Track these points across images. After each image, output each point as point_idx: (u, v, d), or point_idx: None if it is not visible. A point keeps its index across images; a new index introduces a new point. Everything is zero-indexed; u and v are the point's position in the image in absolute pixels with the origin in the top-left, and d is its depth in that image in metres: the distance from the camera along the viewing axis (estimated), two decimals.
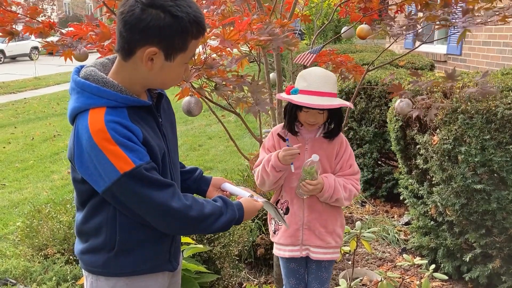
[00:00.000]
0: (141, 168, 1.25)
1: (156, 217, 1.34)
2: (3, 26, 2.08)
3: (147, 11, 1.22)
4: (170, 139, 1.48)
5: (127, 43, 1.27)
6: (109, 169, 1.24)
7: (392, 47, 7.12)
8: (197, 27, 1.28)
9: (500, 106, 2.47)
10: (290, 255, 2.16)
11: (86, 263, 1.45)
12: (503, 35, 5.72)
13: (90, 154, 1.25)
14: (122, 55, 1.31)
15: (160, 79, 1.34)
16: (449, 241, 2.88)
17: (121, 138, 1.24)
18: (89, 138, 1.24)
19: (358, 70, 2.83)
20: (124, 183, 1.25)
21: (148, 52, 1.26)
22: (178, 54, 1.30)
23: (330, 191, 2.02)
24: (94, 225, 1.39)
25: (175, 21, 1.24)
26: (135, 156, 1.25)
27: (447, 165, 2.68)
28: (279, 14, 2.77)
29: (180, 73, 1.37)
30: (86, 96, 1.29)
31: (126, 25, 1.24)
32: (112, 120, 1.25)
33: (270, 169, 2.04)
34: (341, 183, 2.06)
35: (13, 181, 5.62)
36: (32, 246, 2.71)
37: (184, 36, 1.28)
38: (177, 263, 1.55)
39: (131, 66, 1.31)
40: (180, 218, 1.34)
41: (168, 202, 1.30)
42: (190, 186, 1.67)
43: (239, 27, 1.92)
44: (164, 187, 1.31)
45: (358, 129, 4.21)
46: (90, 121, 1.25)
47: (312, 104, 1.93)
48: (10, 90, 12.93)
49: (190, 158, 6.18)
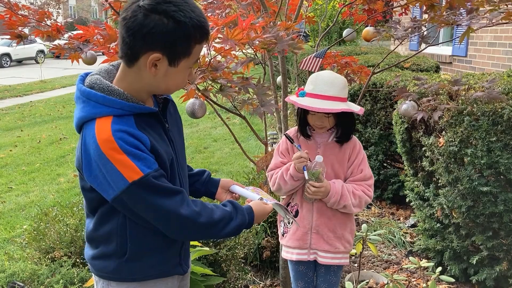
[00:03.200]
0: (149, 176, 1.25)
1: (166, 225, 1.34)
2: (12, 29, 2.10)
3: (150, 17, 1.21)
4: (178, 144, 1.48)
5: (130, 49, 1.26)
6: (118, 178, 1.24)
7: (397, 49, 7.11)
8: (200, 32, 1.28)
9: (507, 108, 2.46)
10: (297, 258, 2.16)
11: (97, 269, 1.45)
12: (508, 36, 5.69)
13: (98, 163, 1.25)
14: (125, 61, 1.30)
15: (164, 84, 1.34)
16: (456, 243, 2.87)
17: (128, 147, 1.24)
18: (97, 148, 1.24)
19: (364, 72, 2.82)
20: (133, 191, 1.25)
21: (151, 58, 1.25)
22: (182, 59, 1.29)
23: (336, 196, 2.00)
24: (105, 232, 1.39)
25: (178, 26, 1.23)
26: (143, 165, 1.25)
27: (453, 167, 2.67)
28: (284, 16, 2.78)
29: (184, 78, 1.36)
30: (92, 105, 1.28)
31: (128, 31, 1.23)
32: (119, 129, 1.25)
33: (288, 178, 2.05)
34: (350, 189, 2.04)
35: (19, 184, 5.64)
36: (39, 249, 2.72)
37: (188, 41, 1.27)
38: (187, 266, 1.56)
39: (135, 72, 1.30)
40: (190, 225, 1.34)
41: (177, 210, 1.30)
42: (198, 189, 1.67)
43: (242, 26, 1.92)
44: (173, 194, 1.31)
45: (363, 131, 4.21)
46: (97, 131, 1.25)
47: (312, 107, 1.94)
48: (17, 93, 13.01)
49: (196, 161, 6.19)
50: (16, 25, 2.09)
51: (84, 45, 2.15)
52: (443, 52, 7.29)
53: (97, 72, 1.37)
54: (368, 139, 4.19)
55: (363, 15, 2.80)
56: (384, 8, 2.68)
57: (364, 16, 2.77)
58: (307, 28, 9.90)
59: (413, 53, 3.52)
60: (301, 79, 3.80)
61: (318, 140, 2.11)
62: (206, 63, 2.04)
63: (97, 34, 2.09)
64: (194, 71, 1.51)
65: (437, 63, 5.63)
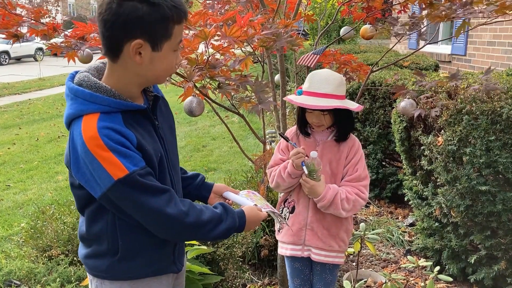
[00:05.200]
0: (135, 174, 1.25)
1: (153, 224, 1.33)
2: (8, 29, 2.08)
3: (124, 5, 1.21)
4: (168, 142, 1.47)
5: (111, 42, 1.26)
6: (103, 175, 1.23)
7: (396, 47, 7.10)
8: (176, 11, 1.27)
9: (505, 107, 2.46)
10: (291, 254, 2.16)
11: (90, 268, 1.45)
12: (508, 35, 5.69)
13: (85, 160, 1.25)
14: (110, 57, 1.30)
15: (152, 72, 1.33)
16: (454, 242, 2.87)
17: (114, 144, 1.23)
18: (83, 145, 1.23)
19: (363, 70, 2.81)
20: (119, 189, 1.24)
21: (133, 45, 1.24)
22: (164, 42, 1.29)
23: (324, 202, 1.99)
24: (96, 232, 1.39)
25: (153, 9, 1.23)
26: (128, 162, 1.24)
27: (451, 166, 2.67)
28: (283, 14, 2.77)
29: (171, 62, 1.35)
30: (80, 102, 1.28)
31: (106, 24, 1.24)
32: (105, 126, 1.24)
33: (286, 176, 2.06)
34: (344, 196, 2.01)
35: (17, 182, 5.63)
36: (36, 247, 2.72)
37: (166, 22, 1.26)
38: (181, 265, 1.55)
39: (121, 66, 1.30)
40: (176, 224, 1.33)
41: (163, 208, 1.29)
42: (191, 192, 1.65)
43: (240, 23, 1.91)
44: (159, 193, 1.30)
45: (362, 130, 4.20)
46: (84, 128, 1.25)
47: (306, 104, 1.95)
48: (15, 91, 12.99)
49: (194, 159, 6.18)
50: (10, 25, 2.07)
51: (81, 43, 2.14)
52: (442, 50, 7.28)
53: (86, 69, 1.37)
54: (366, 137, 4.18)
55: (363, 13, 2.79)
56: (383, 6, 2.67)
57: (363, 14, 2.76)
58: (306, 26, 9.88)
59: (412, 51, 3.51)
60: (300, 77, 3.78)
61: (317, 138, 2.11)
62: (204, 60, 2.03)
63: (95, 31, 2.08)
64: (180, 55, 1.48)
65: (436, 61, 5.63)
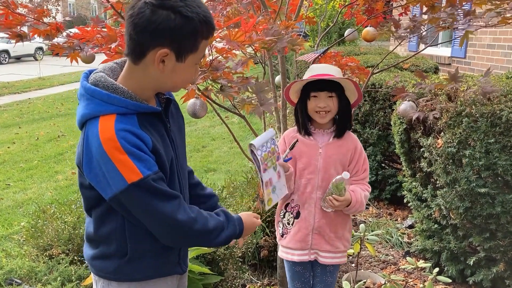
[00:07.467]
0: (148, 178, 1.25)
1: (161, 228, 1.33)
2: (11, 29, 2.08)
3: (158, 13, 1.21)
4: (178, 144, 1.48)
5: (138, 46, 1.26)
6: (117, 178, 1.24)
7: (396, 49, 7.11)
8: (207, 27, 1.28)
9: (505, 109, 2.47)
10: (299, 259, 2.16)
11: (97, 269, 1.45)
12: (507, 38, 5.70)
13: (99, 161, 1.24)
14: (132, 58, 1.30)
15: (171, 81, 1.34)
16: (453, 244, 2.88)
17: (130, 147, 1.23)
18: (99, 146, 1.23)
19: (363, 71, 2.83)
20: (131, 193, 1.25)
21: (159, 53, 1.25)
22: (189, 55, 1.29)
23: (356, 206, 2.04)
24: (104, 233, 1.39)
25: (185, 21, 1.23)
26: (143, 166, 1.25)
27: (451, 168, 2.68)
28: (284, 16, 2.78)
29: (191, 74, 1.36)
30: (96, 103, 1.28)
31: (136, 27, 1.23)
32: (122, 129, 1.24)
33: None
34: (363, 194, 2.07)
35: (17, 181, 5.63)
36: (37, 246, 2.72)
37: (195, 36, 1.27)
38: (186, 266, 1.56)
39: (142, 69, 1.30)
40: (186, 230, 1.34)
41: (173, 214, 1.30)
42: None
43: (244, 28, 1.92)
44: (171, 198, 1.31)
45: (362, 132, 4.21)
46: (101, 129, 1.24)
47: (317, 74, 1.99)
48: (15, 90, 12.98)
49: (194, 159, 6.19)
50: (13, 25, 2.07)
51: (83, 44, 2.14)
52: (442, 53, 7.30)
53: (102, 69, 1.37)
54: (366, 139, 4.19)
55: (364, 16, 2.80)
56: (384, 8, 2.68)
57: (365, 17, 2.78)
58: (307, 28, 9.90)
59: (412, 54, 3.52)
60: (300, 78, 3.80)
61: (319, 140, 2.11)
62: (207, 63, 2.04)
63: (97, 34, 2.08)
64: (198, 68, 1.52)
65: (436, 64, 5.64)
